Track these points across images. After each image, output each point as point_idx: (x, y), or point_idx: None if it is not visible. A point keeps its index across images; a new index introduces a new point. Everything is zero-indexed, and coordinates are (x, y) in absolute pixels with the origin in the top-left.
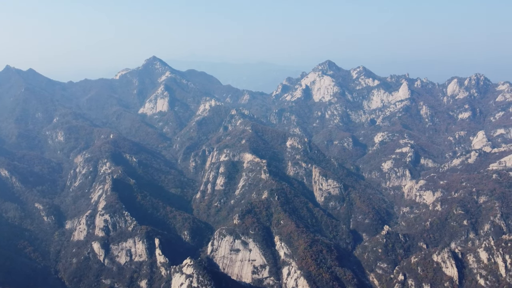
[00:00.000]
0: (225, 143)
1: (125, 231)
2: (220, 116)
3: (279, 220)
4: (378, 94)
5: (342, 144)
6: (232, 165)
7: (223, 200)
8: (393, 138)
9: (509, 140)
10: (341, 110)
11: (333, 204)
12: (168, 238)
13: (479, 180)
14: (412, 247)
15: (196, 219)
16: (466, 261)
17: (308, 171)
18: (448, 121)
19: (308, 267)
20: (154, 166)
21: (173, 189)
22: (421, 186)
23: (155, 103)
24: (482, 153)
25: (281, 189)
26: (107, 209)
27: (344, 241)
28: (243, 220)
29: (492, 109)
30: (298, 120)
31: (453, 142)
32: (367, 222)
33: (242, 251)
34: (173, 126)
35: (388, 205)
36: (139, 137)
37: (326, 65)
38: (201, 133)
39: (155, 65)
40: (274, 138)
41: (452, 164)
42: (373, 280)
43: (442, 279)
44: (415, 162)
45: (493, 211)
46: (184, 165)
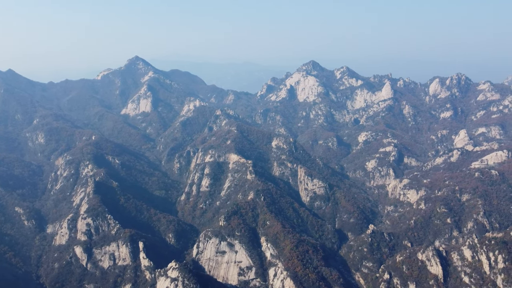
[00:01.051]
0: (210, 143)
1: (108, 234)
2: (205, 117)
3: (265, 221)
4: (361, 94)
5: (326, 143)
6: (217, 166)
7: (209, 201)
8: (376, 137)
9: (490, 138)
10: (325, 110)
11: (318, 204)
12: (153, 241)
13: (462, 178)
14: (397, 246)
15: (181, 221)
16: (450, 259)
17: (293, 171)
18: (430, 120)
19: (294, 267)
20: (137, 168)
21: (157, 191)
22: (405, 185)
23: (138, 103)
24: (464, 151)
25: (267, 190)
26: (89, 212)
27: (329, 240)
28: (229, 221)
29: (473, 108)
30: (283, 120)
31: (435, 141)
32: (352, 222)
33: (228, 253)
34: (157, 127)
35: (372, 204)
36: (122, 139)
37: (310, 65)
38: (185, 133)
39: (137, 65)
40: (259, 139)
41: (435, 162)
42: (359, 279)
43: (427, 277)
44: (399, 161)
45: (476, 209)
46: (168, 166)
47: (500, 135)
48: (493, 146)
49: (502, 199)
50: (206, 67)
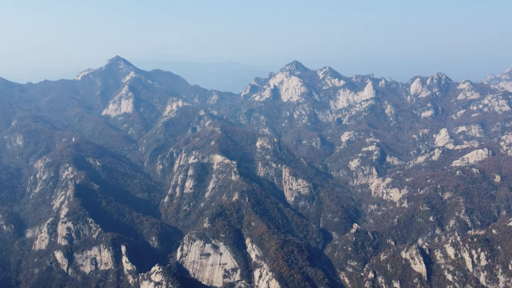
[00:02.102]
0: (194, 144)
1: (90, 238)
2: (188, 117)
3: (250, 222)
4: (344, 94)
5: (310, 143)
6: (201, 167)
7: (193, 203)
8: (359, 137)
9: (470, 137)
10: (308, 110)
11: (303, 204)
12: (135, 244)
13: (443, 176)
14: (380, 244)
15: (164, 224)
16: (433, 257)
17: (278, 171)
18: (411, 120)
19: (279, 268)
20: (119, 170)
21: (139, 193)
22: (388, 183)
23: (119, 104)
24: (445, 150)
25: (251, 191)
26: (69, 216)
27: (314, 240)
28: (213, 223)
29: (454, 107)
30: (267, 120)
31: (417, 139)
32: (337, 221)
33: (213, 255)
34: (139, 128)
35: (356, 203)
36: (103, 140)
37: (293, 65)
38: (168, 134)
39: (118, 65)
40: (243, 139)
41: (417, 161)
42: (343, 278)
43: (411, 276)
44: (381, 160)
45: (458, 206)
46: (150, 168)
47: (480, 133)
48: (473, 145)
49: (483, 197)
50: (189, 67)
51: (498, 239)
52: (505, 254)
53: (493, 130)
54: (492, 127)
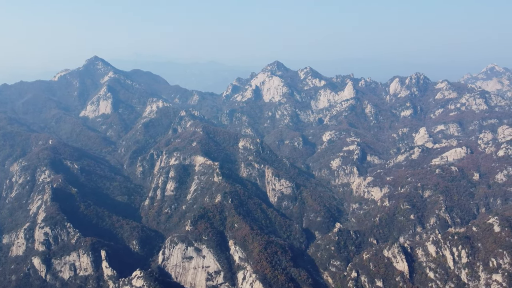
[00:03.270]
0: (175, 146)
1: (68, 244)
2: (169, 118)
3: (233, 224)
4: (325, 94)
5: (292, 143)
6: (182, 169)
7: (174, 206)
8: (340, 136)
9: (449, 135)
10: (290, 110)
11: (286, 204)
12: (116, 249)
13: (423, 175)
14: (363, 243)
15: (145, 227)
16: (415, 255)
17: (261, 172)
18: (391, 119)
19: (263, 270)
20: (97, 172)
21: (119, 196)
22: (369, 182)
23: (97, 105)
24: (425, 149)
25: (234, 192)
26: (47, 221)
27: (297, 240)
28: (196, 226)
29: (432, 107)
30: (250, 121)
31: (396, 139)
32: (319, 220)
33: (196, 258)
34: (118, 129)
35: (338, 202)
36: (81, 142)
37: (274, 65)
38: (148, 136)
39: (97, 65)
40: (226, 140)
41: (397, 160)
42: (327, 278)
43: (394, 274)
44: (362, 159)
45: (438, 204)
46: (130, 170)
47: (458, 132)
48: (452, 143)
49: (463, 194)
50: (169, 66)
51: (478, 236)
52: (486, 251)
53: (470, 129)
54: (470, 125)
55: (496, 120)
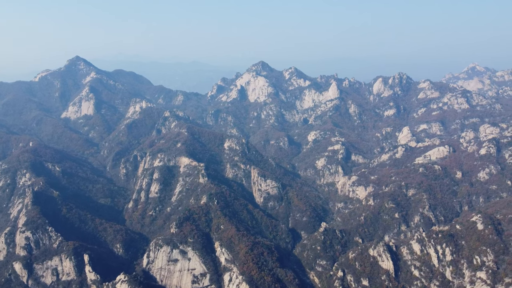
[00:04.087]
0: (159, 147)
1: (50, 248)
2: (152, 119)
3: (219, 225)
4: (309, 94)
5: (278, 143)
6: (167, 170)
7: (159, 208)
8: (325, 136)
9: (431, 134)
10: (276, 110)
11: (272, 204)
12: (99, 252)
13: (407, 174)
14: (348, 242)
15: (129, 230)
16: (400, 254)
17: (247, 172)
18: (375, 119)
19: (249, 271)
20: (80, 175)
21: (102, 199)
22: (354, 181)
23: (79, 106)
24: (408, 148)
25: (220, 193)
26: (28, 225)
27: (284, 240)
28: (181, 228)
29: (415, 106)
30: (235, 121)
31: (380, 138)
32: (305, 220)
33: (181, 261)
34: (100, 131)
35: (323, 201)
36: (63, 144)
37: (259, 65)
38: (131, 137)
39: (78, 66)
40: (211, 140)
41: (381, 159)
42: (313, 278)
43: (379, 273)
44: (347, 158)
45: (422, 203)
46: (113, 172)
47: (440, 131)
48: (434, 142)
49: (446, 192)
50: (152, 66)
51: (462, 234)
52: (469, 249)
53: (453, 128)
54: (452, 124)
55: (478, 119)
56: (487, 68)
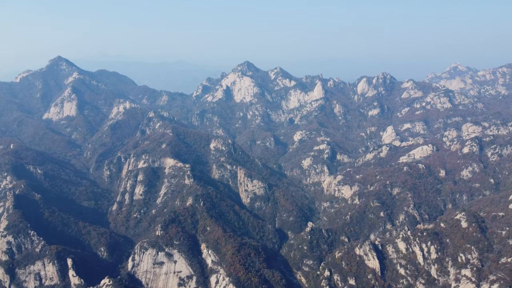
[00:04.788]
0: (143, 148)
1: (32, 252)
2: (137, 119)
3: (205, 227)
4: (295, 94)
5: (264, 143)
6: (152, 172)
7: (143, 210)
8: (310, 136)
9: (415, 133)
10: (261, 110)
11: (258, 205)
12: (83, 256)
13: (392, 173)
14: (335, 242)
15: (114, 233)
16: (386, 252)
17: (233, 173)
18: (359, 118)
19: (236, 272)
20: (62, 177)
21: (85, 201)
22: (339, 181)
23: (61, 107)
24: (392, 147)
25: (206, 194)
26: (9, 229)
27: (270, 241)
28: (166, 230)
29: (398, 105)
30: (221, 121)
31: (365, 137)
32: (292, 220)
33: (167, 264)
34: (83, 132)
35: (310, 201)
36: (44, 146)
37: (245, 65)
38: (115, 138)
39: (61, 66)
40: (197, 141)
41: (366, 158)
42: (300, 278)
43: (366, 272)
44: (332, 158)
45: (406, 201)
46: (97, 174)
47: (424, 130)
48: (418, 141)
49: (430, 191)
50: (136, 66)
51: (446, 232)
52: (454, 246)
53: (436, 127)
54: (435, 123)
55: (460, 118)
56: (468, 68)
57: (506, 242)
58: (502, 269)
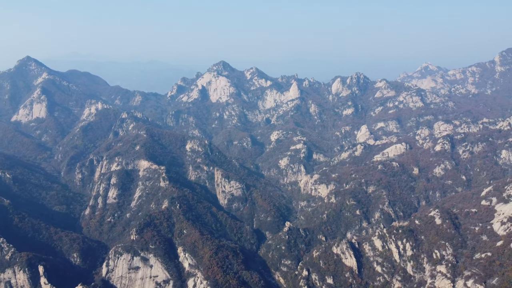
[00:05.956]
0: (117, 150)
1: (2, 260)
2: (109, 121)
3: (182, 230)
4: (271, 94)
5: (241, 144)
6: (125, 175)
7: (117, 214)
8: (287, 136)
9: (388, 132)
10: (238, 110)
11: (236, 206)
12: (55, 263)
13: (367, 171)
14: (312, 241)
15: (87, 239)
16: (363, 250)
17: (210, 174)
18: (334, 118)
19: (214, 275)
20: (32, 181)
21: (57, 206)
22: (316, 180)
23: (30, 108)
24: (367, 145)
25: (182, 196)
26: None
27: (248, 242)
28: (142, 234)
29: (372, 105)
30: (197, 122)
31: (340, 136)
32: (270, 220)
33: (142, 268)
34: (54, 134)
35: (287, 200)
36: (13, 149)
37: (220, 65)
38: (87, 140)
39: (29, 66)
40: (172, 142)
41: (341, 157)
42: (279, 278)
43: (343, 270)
44: (308, 157)
45: (381, 199)
46: (68, 178)
47: (397, 128)
48: (392, 140)
49: (404, 188)
50: (108, 66)
51: (421, 229)
52: (429, 243)
53: (408, 125)
54: (408, 122)
55: (432, 116)
56: (439, 67)
57: (479, 238)
58: (476, 265)
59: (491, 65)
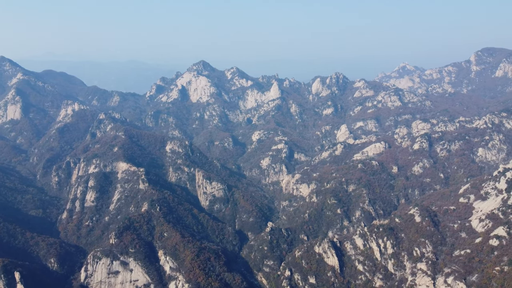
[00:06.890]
0: (94, 152)
1: None
2: (86, 122)
3: (162, 233)
4: (252, 94)
5: (223, 144)
6: (103, 177)
7: (96, 217)
8: (268, 135)
9: (367, 131)
10: (219, 110)
11: (218, 207)
12: (31, 269)
13: (347, 170)
14: (294, 240)
15: (64, 243)
16: (344, 249)
17: (191, 176)
18: (314, 117)
19: (196, 278)
20: (7, 185)
21: (33, 210)
22: (297, 179)
23: (5, 110)
24: (347, 145)
25: (163, 199)
26: None
27: (230, 243)
28: (121, 238)
29: (351, 104)
30: (177, 122)
31: (320, 136)
32: (252, 221)
33: (122, 273)
34: (29, 136)
35: (269, 200)
36: None
37: (200, 65)
38: (63, 142)
39: (4, 66)
40: (151, 143)
41: (322, 156)
42: (261, 279)
43: (325, 269)
44: (290, 157)
45: (362, 198)
46: (44, 181)
47: (376, 128)
48: (371, 139)
49: (383, 187)
50: (85, 66)
51: (401, 227)
52: (409, 241)
53: (387, 124)
54: (386, 121)
55: (410, 115)
56: (416, 67)
57: (458, 235)
58: (456, 262)
59: (466, 64)
